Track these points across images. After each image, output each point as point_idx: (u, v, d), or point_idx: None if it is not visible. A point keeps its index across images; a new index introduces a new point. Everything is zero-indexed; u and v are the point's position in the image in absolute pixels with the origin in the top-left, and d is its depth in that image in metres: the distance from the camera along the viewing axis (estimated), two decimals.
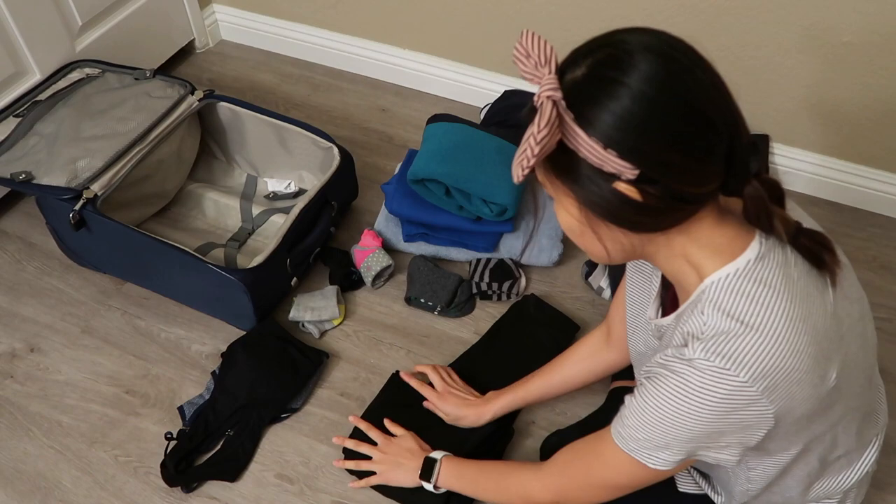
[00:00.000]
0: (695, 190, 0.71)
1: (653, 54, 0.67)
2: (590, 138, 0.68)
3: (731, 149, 0.70)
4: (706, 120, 0.68)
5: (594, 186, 0.71)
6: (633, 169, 0.68)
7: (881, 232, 1.69)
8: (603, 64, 0.68)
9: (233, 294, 1.35)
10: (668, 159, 0.68)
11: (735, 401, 0.72)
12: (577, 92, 0.68)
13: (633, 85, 0.66)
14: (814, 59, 1.53)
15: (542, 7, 1.71)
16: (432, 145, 1.56)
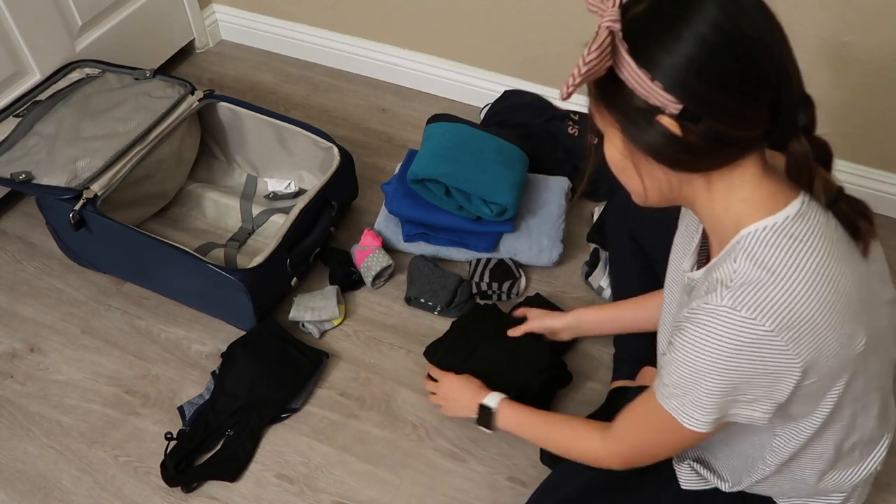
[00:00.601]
0: (737, 133, 0.71)
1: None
2: (639, 68, 0.69)
3: (778, 97, 0.70)
4: (756, 64, 0.69)
5: (639, 118, 0.72)
6: (677, 103, 0.69)
7: (881, 232, 1.66)
8: (664, 2, 0.70)
9: (233, 294, 1.35)
10: (711, 97, 0.69)
11: (761, 349, 0.72)
12: (636, 24, 0.70)
13: (690, 21, 0.68)
14: (814, 59, 1.53)
15: (543, 6, 1.71)
16: (432, 145, 1.56)
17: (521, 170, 1.58)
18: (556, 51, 1.78)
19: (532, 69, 1.85)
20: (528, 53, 1.82)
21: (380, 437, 1.33)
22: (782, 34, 0.73)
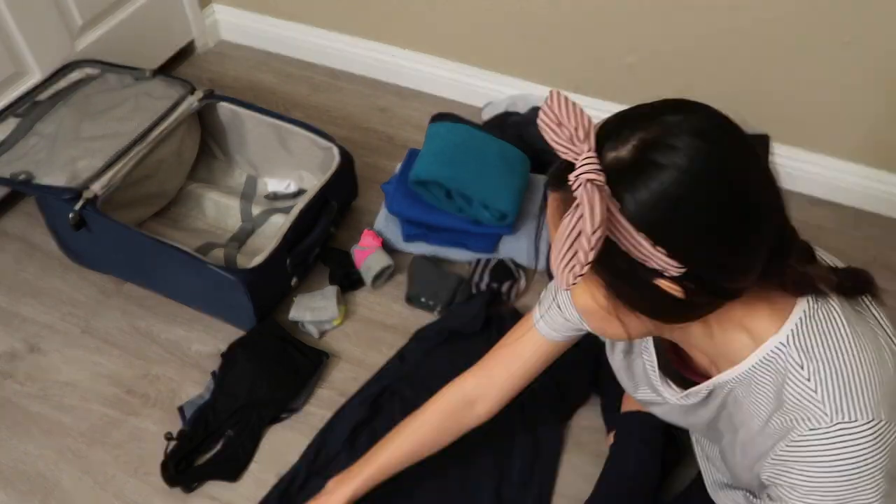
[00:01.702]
0: (739, 284, 0.68)
1: (702, 140, 0.62)
2: (637, 232, 0.61)
3: (779, 239, 0.67)
4: (756, 214, 0.64)
5: (632, 279, 0.65)
6: (680, 267, 0.63)
7: (881, 232, 1.69)
8: (651, 147, 0.62)
9: (233, 294, 1.35)
10: (720, 259, 0.64)
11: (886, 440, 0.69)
12: (621, 176, 0.62)
13: (681, 173, 0.60)
14: (814, 59, 1.53)
15: (543, 6, 1.71)
16: (435, 146, 1.56)
17: (523, 174, 1.58)
18: (556, 50, 1.78)
19: (532, 69, 1.85)
20: (529, 53, 1.82)
21: None
22: (768, 166, 0.68)
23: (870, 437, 0.68)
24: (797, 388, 0.70)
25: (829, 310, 0.72)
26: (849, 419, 0.68)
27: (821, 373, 0.70)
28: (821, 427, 0.69)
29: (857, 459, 0.68)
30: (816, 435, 0.69)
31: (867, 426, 0.68)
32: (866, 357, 0.70)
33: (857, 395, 0.68)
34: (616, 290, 0.68)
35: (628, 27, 1.65)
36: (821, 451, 0.69)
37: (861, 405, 0.68)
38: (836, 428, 0.68)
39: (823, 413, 0.69)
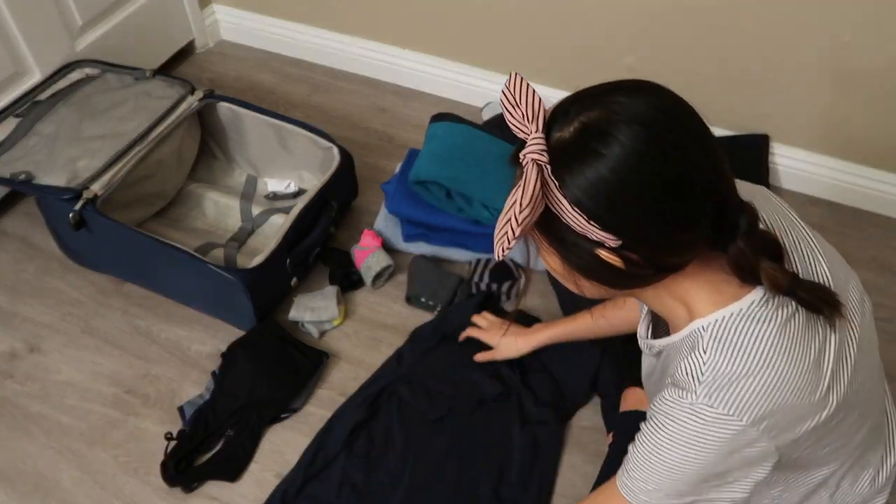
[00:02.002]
0: (677, 259, 0.72)
1: (643, 126, 0.65)
2: (574, 208, 0.67)
3: (718, 214, 0.69)
4: (691, 194, 0.67)
5: (577, 250, 0.71)
6: (616, 240, 0.68)
7: (881, 232, 1.69)
8: (590, 131, 0.66)
9: (233, 294, 1.35)
10: (649, 234, 0.68)
11: (738, 442, 0.73)
12: (563, 158, 0.67)
13: (618, 161, 0.65)
14: (814, 59, 1.53)
15: (543, 6, 1.71)
16: (435, 146, 1.56)
17: None
18: (556, 50, 1.78)
19: (532, 69, 1.85)
20: (529, 53, 1.82)
21: None
22: (714, 147, 0.70)
23: (719, 426, 0.72)
24: (690, 364, 0.74)
25: (773, 313, 0.73)
26: (709, 404, 0.72)
27: (716, 364, 0.72)
28: (685, 400, 0.73)
29: (700, 438, 0.73)
30: (677, 401, 0.74)
31: (722, 417, 0.71)
32: (774, 371, 0.71)
33: (735, 392, 0.71)
34: (566, 258, 0.74)
35: (628, 27, 1.65)
36: (672, 417, 0.74)
37: (730, 401, 0.71)
38: (698, 405, 0.72)
39: (694, 391, 0.73)
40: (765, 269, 0.71)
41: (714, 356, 0.73)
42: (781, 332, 0.72)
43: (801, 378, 0.72)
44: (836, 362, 0.76)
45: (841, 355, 0.77)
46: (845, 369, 0.77)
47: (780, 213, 0.83)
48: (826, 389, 0.74)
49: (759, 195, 0.83)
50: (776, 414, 0.72)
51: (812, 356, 0.73)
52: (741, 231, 0.70)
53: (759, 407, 0.71)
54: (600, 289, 0.77)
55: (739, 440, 0.72)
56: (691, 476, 0.76)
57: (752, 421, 0.71)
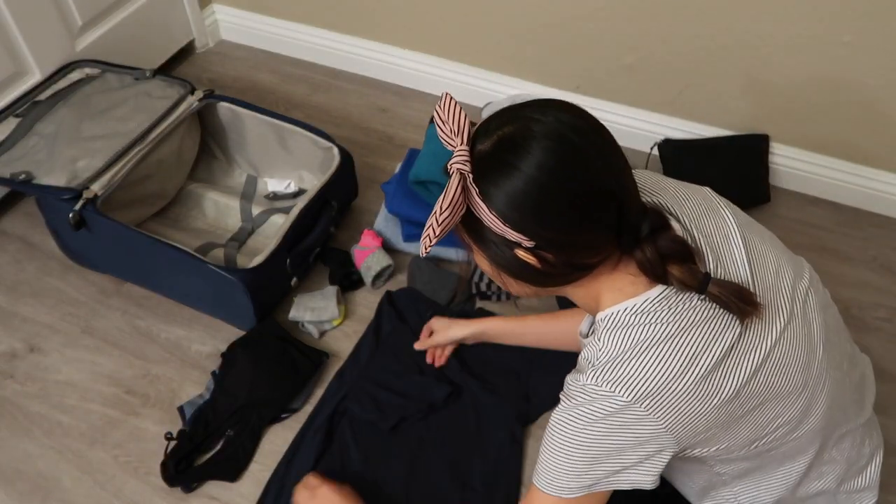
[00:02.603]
0: (587, 260, 0.79)
1: (549, 140, 0.73)
2: (491, 212, 0.75)
3: (620, 221, 0.76)
4: (593, 200, 0.75)
5: (498, 250, 0.79)
6: (529, 241, 0.76)
7: (881, 232, 1.69)
8: (505, 144, 0.75)
9: (233, 294, 1.35)
10: (558, 236, 0.76)
11: (622, 418, 0.78)
12: (482, 167, 0.75)
13: (527, 171, 0.73)
14: (814, 59, 1.53)
15: (543, 6, 1.71)
16: (435, 146, 1.56)
17: None
18: (555, 51, 1.78)
19: (533, 69, 1.86)
20: (529, 53, 1.82)
21: None
22: (618, 157, 0.78)
23: (602, 402, 0.78)
24: (587, 351, 0.83)
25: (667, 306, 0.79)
26: (595, 384, 0.79)
27: (605, 348, 0.80)
28: (579, 381, 0.81)
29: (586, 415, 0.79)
30: (573, 383, 0.82)
31: (604, 393, 0.78)
32: (654, 354, 0.77)
33: (616, 371, 0.78)
34: (491, 258, 0.81)
35: (627, 27, 1.65)
36: (567, 397, 0.82)
37: (612, 378, 0.78)
38: (588, 385, 0.80)
39: (585, 372, 0.81)
40: (674, 271, 0.78)
41: (604, 342, 0.81)
42: (670, 321, 0.78)
43: (681, 363, 0.77)
44: (735, 349, 0.79)
45: (750, 343, 0.80)
46: (752, 357, 0.80)
47: (713, 213, 0.87)
48: (713, 375, 0.78)
49: (697, 195, 0.89)
50: (658, 395, 0.77)
51: (700, 344, 0.78)
52: (643, 235, 0.78)
53: (637, 385, 0.77)
54: (525, 287, 0.85)
55: (624, 416, 0.78)
56: (585, 454, 0.81)
57: (632, 398, 0.77)
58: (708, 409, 0.79)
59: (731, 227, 0.86)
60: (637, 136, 1.78)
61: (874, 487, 0.99)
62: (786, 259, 0.89)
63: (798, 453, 0.90)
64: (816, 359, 0.86)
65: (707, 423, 0.80)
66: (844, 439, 0.93)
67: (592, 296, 0.85)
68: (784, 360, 0.82)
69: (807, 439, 0.88)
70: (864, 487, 0.98)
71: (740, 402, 0.80)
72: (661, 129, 1.78)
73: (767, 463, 0.90)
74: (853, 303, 1.54)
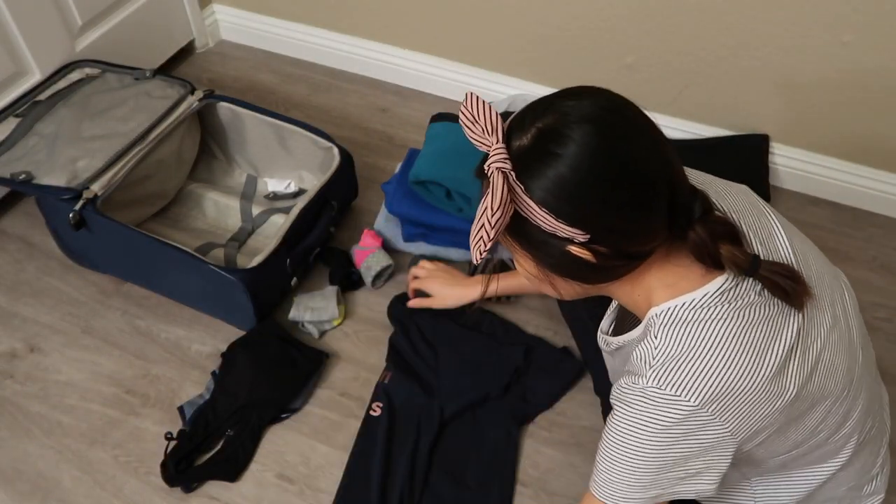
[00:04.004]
0: (642, 247, 0.76)
1: (591, 124, 0.70)
2: (541, 209, 0.71)
3: (671, 202, 0.73)
4: (644, 183, 0.72)
5: (549, 249, 0.75)
6: (584, 234, 0.72)
7: (881, 232, 1.69)
8: (545, 135, 0.71)
9: (233, 294, 1.35)
10: (612, 225, 0.72)
11: (690, 425, 0.75)
12: (524, 162, 0.72)
13: (574, 158, 0.70)
14: (813, 59, 1.53)
15: (543, 6, 1.71)
16: (435, 146, 1.56)
17: None
18: (555, 50, 1.78)
19: (532, 69, 1.86)
20: (529, 53, 1.82)
21: None
22: (662, 139, 0.75)
23: (669, 408, 0.74)
24: (642, 351, 0.78)
25: (726, 301, 0.76)
26: (657, 387, 0.75)
27: (665, 347, 0.76)
28: (637, 385, 0.76)
29: (652, 422, 0.75)
30: (630, 387, 0.77)
31: (671, 398, 0.74)
32: (720, 353, 0.74)
33: (681, 374, 0.74)
34: (539, 259, 0.78)
35: (627, 27, 1.65)
36: (626, 403, 0.77)
37: (677, 382, 0.74)
38: (648, 389, 0.75)
39: (645, 375, 0.76)
40: (725, 252, 0.74)
41: (663, 340, 0.76)
42: (732, 318, 0.75)
43: (750, 362, 0.74)
44: (795, 350, 0.77)
45: (805, 341, 0.78)
46: (808, 358, 0.78)
47: (755, 209, 0.85)
48: (779, 374, 0.76)
49: (733, 189, 0.87)
50: (725, 397, 0.74)
51: (765, 342, 0.75)
52: (696, 216, 0.74)
53: (705, 388, 0.73)
54: (574, 286, 0.81)
55: (691, 423, 0.74)
56: (651, 464, 0.77)
57: (700, 402, 0.73)
58: (772, 412, 0.76)
59: (774, 226, 0.84)
60: None
61: (880, 493, 0.99)
62: (823, 263, 0.88)
63: (829, 457, 0.89)
64: (857, 363, 0.85)
65: (767, 425, 0.77)
66: (866, 446, 0.93)
67: (642, 292, 0.81)
68: (833, 362, 0.81)
69: (841, 443, 0.87)
70: (870, 493, 0.98)
71: (798, 403, 0.78)
72: (661, 128, 1.78)
73: (797, 464, 0.89)
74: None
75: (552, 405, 1.36)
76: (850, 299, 0.89)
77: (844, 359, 0.82)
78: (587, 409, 1.36)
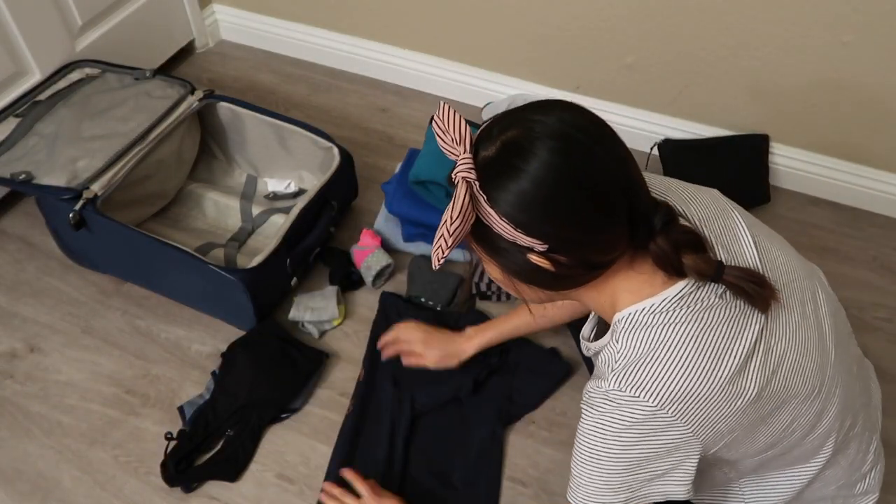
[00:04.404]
0: (601, 258, 0.77)
1: (554, 140, 0.72)
2: (501, 219, 0.74)
3: (631, 216, 0.75)
4: (603, 199, 0.74)
5: (511, 256, 0.77)
6: (542, 244, 0.74)
7: (881, 232, 1.69)
8: (509, 149, 0.73)
9: (233, 294, 1.35)
10: (570, 236, 0.74)
11: (650, 426, 0.77)
12: (488, 173, 0.74)
13: (533, 172, 0.72)
14: (814, 59, 1.53)
15: (543, 6, 1.71)
16: (435, 146, 1.56)
17: None
18: (556, 50, 1.78)
19: (532, 69, 1.86)
20: (529, 54, 1.82)
21: None
22: (625, 154, 0.76)
23: (629, 409, 0.76)
24: (606, 355, 0.81)
25: (686, 305, 0.77)
26: (618, 389, 0.77)
27: (626, 351, 0.78)
28: (601, 388, 0.79)
29: (614, 423, 0.77)
30: (595, 391, 0.80)
31: (630, 400, 0.76)
32: (678, 355, 0.76)
33: (639, 375, 0.76)
34: (503, 265, 0.80)
35: (627, 27, 1.65)
36: (591, 406, 0.80)
37: (636, 383, 0.76)
38: (611, 391, 0.77)
39: (607, 378, 0.78)
40: (688, 261, 0.76)
41: (624, 344, 0.79)
42: (690, 321, 0.77)
43: (708, 363, 0.76)
44: (757, 350, 0.78)
45: (768, 341, 0.79)
46: (770, 358, 0.79)
47: (721, 214, 0.86)
48: (738, 375, 0.77)
49: (704, 196, 0.88)
50: (684, 398, 0.75)
51: (724, 344, 0.76)
52: (657, 228, 0.76)
53: (664, 389, 0.75)
54: (538, 292, 0.83)
55: (651, 424, 0.76)
56: (616, 464, 0.79)
57: (659, 403, 0.75)
58: (733, 412, 0.77)
59: (740, 228, 0.85)
60: (637, 136, 1.77)
61: (874, 492, 0.99)
62: (796, 262, 0.88)
63: (809, 456, 0.90)
64: (830, 361, 0.85)
65: (731, 426, 0.79)
66: (850, 444, 0.93)
67: (607, 298, 0.83)
68: (800, 361, 0.81)
69: (818, 442, 0.88)
70: (863, 492, 0.98)
71: (762, 403, 0.79)
72: (661, 129, 1.78)
73: (777, 464, 0.90)
74: (853, 303, 1.53)
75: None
76: (825, 297, 0.89)
77: (814, 357, 0.83)
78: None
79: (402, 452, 1.28)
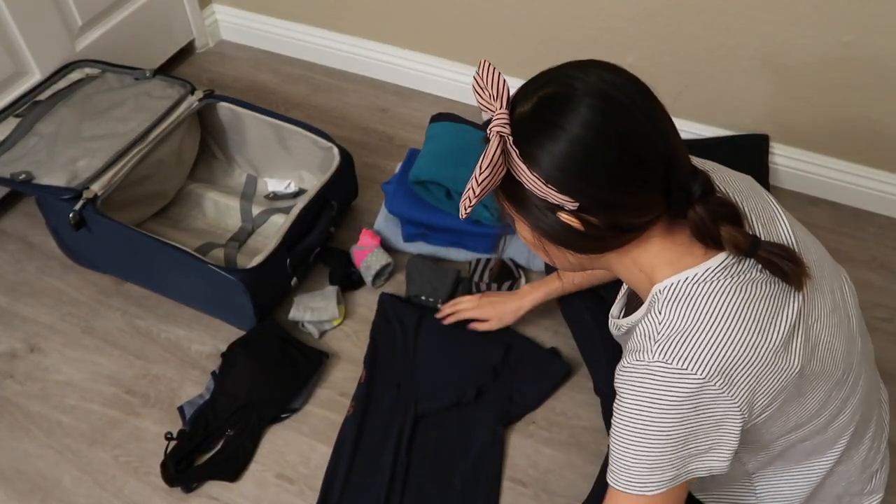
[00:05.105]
0: (634, 220, 0.76)
1: (593, 98, 0.72)
2: (532, 174, 0.73)
3: (668, 180, 0.74)
4: (640, 158, 0.72)
5: (541, 214, 0.77)
6: (573, 202, 0.73)
7: (881, 232, 1.69)
8: (546, 104, 0.73)
9: (233, 294, 1.35)
10: (603, 196, 0.73)
11: (697, 399, 0.74)
12: (523, 129, 0.73)
13: (571, 129, 0.71)
14: (814, 59, 1.53)
15: (543, 6, 1.71)
16: (435, 146, 1.56)
17: None
18: (556, 50, 1.78)
19: (532, 69, 1.85)
20: (529, 53, 1.82)
21: None
22: (664, 118, 0.75)
23: (676, 382, 0.74)
24: (645, 327, 0.78)
25: (728, 275, 0.76)
26: (663, 361, 0.74)
27: (669, 322, 0.76)
28: (642, 361, 0.76)
29: (659, 398, 0.74)
30: (634, 366, 0.76)
31: (677, 372, 0.73)
32: (725, 325, 0.74)
33: (686, 346, 0.74)
34: (533, 224, 0.79)
35: (627, 27, 1.65)
36: (631, 383, 0.76)
37: (683, 355, 0.74)
38: (653, 364, 0.75)
39: (650, 350, 0.75)
40: (725, 232, 0.74)
41: (667, 315, 0.76)
42: (735, 291, 0.75)
43: (755, 334, 0.74)
44: (798, 327, 0.77)
45: (807, 320, 0.78)
46: (810, 336, 0.78)
47: (757, 195, 0.86)
48: (784, 349, 0.76)
49: (738, 176, 0.88)
50: (732, 369, 0.74)
51: (769, 315, 0.75)
52: (695, 195, 0.75)
53: (712, 360, 0.73)
54: (567, 255, 0.82)
55: (699, 396, 0.74)
56: (664, 443, 0.76)
57: (707, 375, 0.73)
58: (777, 385, 0.76)
59: (777, 211, 0.84)
60: None
61: (879, 492, 0.99)
62: (825, 256, 0.89)
63: (826, 448, 0.89)
64: (857, 349, 0.86)
65: (772, 400, 0.77)
66: (864, 439, 0.93)
67: (643, 268, 0.81)
68: (833, 344, 0.81)
69: (839, 431, 0.88)
70: (870, 492, 0.98)
71: (802, 380, 0.78)
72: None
73: (794, 454, 0.89)
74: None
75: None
76: (850, 294, 0.90)
77: (843, 343, 0.83)
78: (587, 409, 1.36)
79: (405, 455, 1.28)
